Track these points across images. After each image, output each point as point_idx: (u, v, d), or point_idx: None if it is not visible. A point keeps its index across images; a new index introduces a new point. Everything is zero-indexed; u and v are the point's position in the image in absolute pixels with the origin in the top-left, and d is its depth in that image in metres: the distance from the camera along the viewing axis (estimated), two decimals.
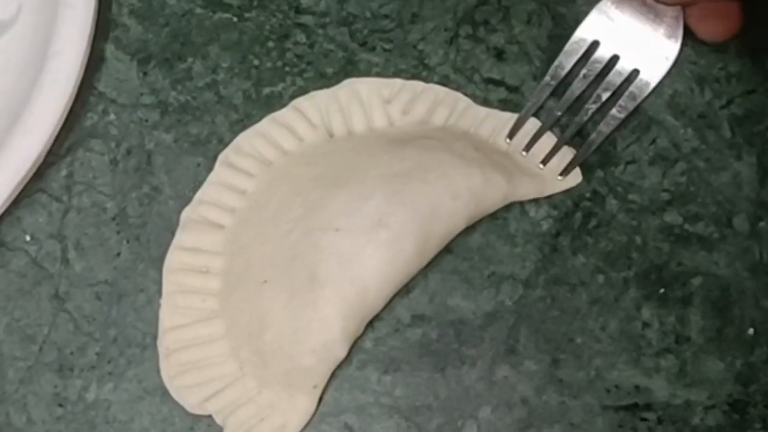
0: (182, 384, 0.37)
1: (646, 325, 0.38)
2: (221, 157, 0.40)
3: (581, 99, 0.40)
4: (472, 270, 0.39)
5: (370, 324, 0.38)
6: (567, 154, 0.40)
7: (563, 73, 0.40)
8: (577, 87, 0.40)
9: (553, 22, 0.42)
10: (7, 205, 0.38)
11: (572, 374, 0.38)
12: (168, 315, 0.38)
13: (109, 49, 0.41)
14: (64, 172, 0.40)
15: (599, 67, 0.40)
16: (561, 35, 0.42)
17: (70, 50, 0.39)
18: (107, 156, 0.40)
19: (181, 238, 0.39)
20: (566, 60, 0.40)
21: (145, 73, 0.41)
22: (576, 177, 0.40)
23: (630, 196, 0.40)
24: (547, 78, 0.40)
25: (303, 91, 0.41)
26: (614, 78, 0.40)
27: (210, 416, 0.37)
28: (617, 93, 0.40)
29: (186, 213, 0.39)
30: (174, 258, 0.39)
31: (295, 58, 0.42)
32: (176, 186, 0.40)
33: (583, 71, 0.40)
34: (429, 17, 0.42)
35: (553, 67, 0.40)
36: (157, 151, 0.41)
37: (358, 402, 0.38)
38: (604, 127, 0.40)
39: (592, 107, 0.40)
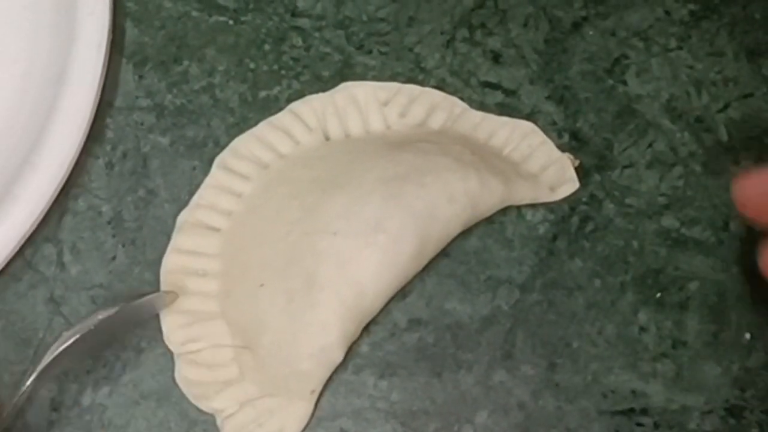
0: (188, 377, 0.37)
1: (642, 329, 0.38)
2: (218, 160, 0.40)
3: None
4: (469, 274, 0.39)
5: (367, 328, 0.38)
6: (565, 161, 0.40)
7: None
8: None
9: (549, 26, 0.42)
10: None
11: (569, 379, 0.38)
12: (170, 316, 0.38)
13: None
14: None
15: None
16: (558, 39, 0.42)
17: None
18: (103, 159, 0.40)
19: (178, 240, 0.39)
20: None
21: (141, 76, 0.41)
22: (573, 184, 0.40)
23: (627, 200, 0.40)
24: None
25: (299, 95, 0.41)
26: None
27: (205, 421, 0.37)
28: None
29: (183, 216, 0.39)
30: (171, 260, 0.39)
31: (291, 61, 0.42)
32: (172, 189, 0.40)
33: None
34: (425, 20, 0.42)
35: None
36: (152, 154, 0.40)
37: (354, 406, 0.38)
38: None
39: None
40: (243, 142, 0.40)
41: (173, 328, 0.38)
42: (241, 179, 0.40)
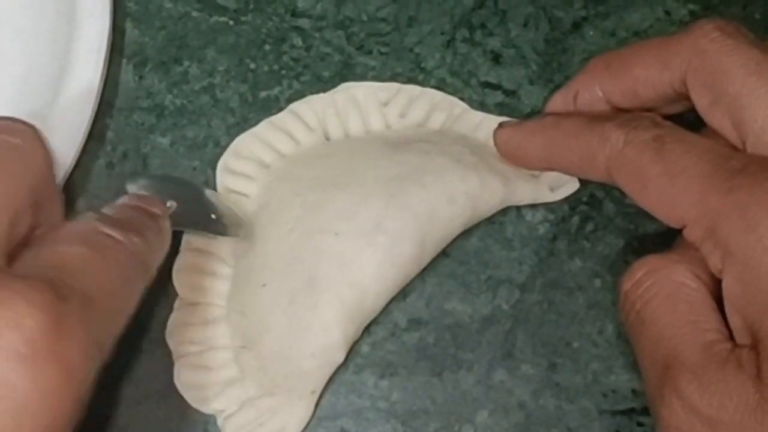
0: (187, 380, 0.37)
1: None
2: (220, 164, 0.40)
3: None
4: (469, 274, 0.39)
5: (367, 328, 0.38)
6: None
7: None
8: None
9: (549, 26, 0.42)
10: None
11: (569, 378, 0.38)
12: (180, 313, 0.38)
13: None
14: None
15: None
16: (558, 39, 0.42)
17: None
18: (103, 159, 0.40)
19: (189, 240, 0.39)
20: None
21: (141, 77, 0.41)
22: (573, 184, 0.40)
23: (627, 200, 0.40)
24: None
25: (299, 95, 0.41)
26: None
27: (206, 421, 0.37)
28: None
29: None
30: (184, 259, 0.39)
31: (291, 61, 0.42)
32: None
33: None
34: (426, 20, 0.42)
35: None
36: (153, 154, 0.40)
37: (354, 406, 0.38)
38: None
39: None
40: (244, 143, 0.40)
41: (178, 326, 0.38)
42: (246, 180, 0.40)
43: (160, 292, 0.39)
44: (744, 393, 0.29)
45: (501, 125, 0.39)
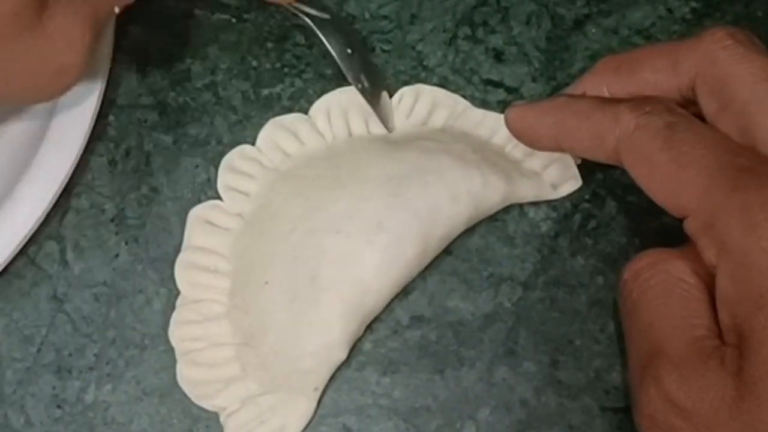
0: (190, 377, 0.37)
1: None
2: (224, 162, 0.40)
3: None
4: (471, 271, 0.39)
5: (369, 326, 0.38)
6: (567, 158, 0.40)
7: None
8: None
9: (552, 23, 0.42)
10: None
11: (571, 376, 0.38)
12: (182, 311, 0.38)
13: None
14: None
15: None
16: (560, 36, 0.42)
17: None
18: (106, 157, 0.40)
19: (191, 238, 0.39)
20: None
21: (143, 74, 0.41)
22: (575, 182, 0.40)
23: (629, 198, 0.40)
24: None
25: (302, 93, 0.41)
26: None
27: (208, 418, 0.37)
28: None
29: (193, 213, 0.39)
30: (186, 257, 0.39)
31: (294, 59, 0.42)
32: (175, 187, 0.40)
33: None
34: (428, 18, 0.42)
35: None
36: (155, 152, 0.41)
37: (356, 403, 0.38)
38: None
39: None
40: (249, 145, 0.40)
41: (180, 323, 0.38)
42: (248, 179, 0.40)
43: (162, 290, 0.39)
44: (722, 388, 0.29)
45: (512, 105, 0.38)
